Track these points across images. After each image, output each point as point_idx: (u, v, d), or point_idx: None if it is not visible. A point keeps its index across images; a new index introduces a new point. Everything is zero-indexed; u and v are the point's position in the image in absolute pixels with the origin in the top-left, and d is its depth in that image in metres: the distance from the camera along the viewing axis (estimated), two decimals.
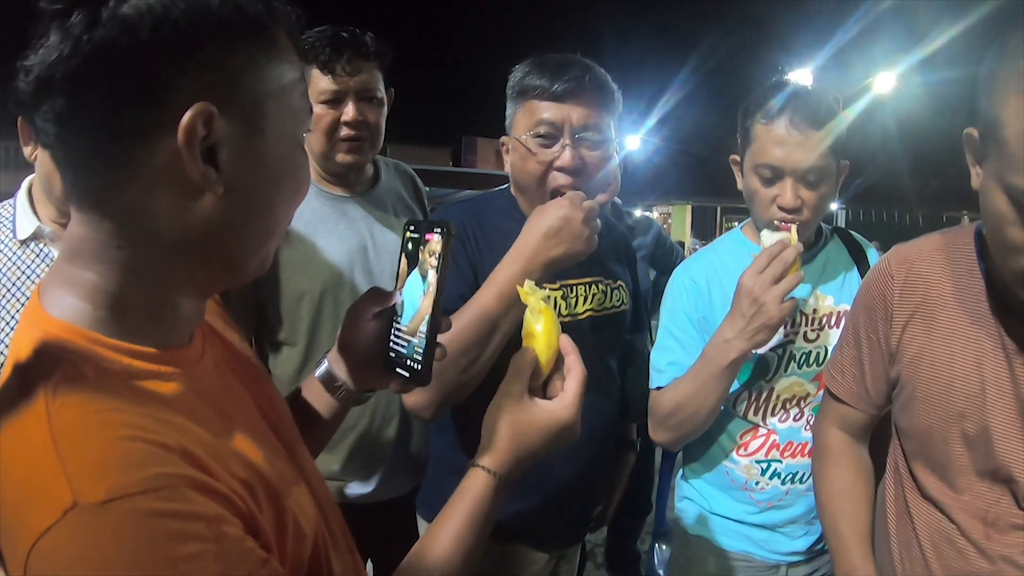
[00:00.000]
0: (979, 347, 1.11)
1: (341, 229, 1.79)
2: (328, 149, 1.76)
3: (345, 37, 1.70)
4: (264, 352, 1.81)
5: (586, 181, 1.40)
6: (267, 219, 0.72)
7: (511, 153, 1.48)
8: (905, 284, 1.22)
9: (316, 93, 1.70)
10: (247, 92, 0.66)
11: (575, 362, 0.94)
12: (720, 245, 1.71)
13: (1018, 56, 0.92)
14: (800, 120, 1.43)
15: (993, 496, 1.11)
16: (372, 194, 1.89)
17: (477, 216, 1.49)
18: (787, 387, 1.56)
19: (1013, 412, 1.07)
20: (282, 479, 0.71)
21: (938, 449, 1.16)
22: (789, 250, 1.37)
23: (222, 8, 0.64)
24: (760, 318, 1.36)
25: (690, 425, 1.52)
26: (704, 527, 1.68)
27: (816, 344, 1.56)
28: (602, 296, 1.56)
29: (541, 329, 0.93)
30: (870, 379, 1.30)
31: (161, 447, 0.57)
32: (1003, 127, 0.93)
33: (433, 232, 0.90)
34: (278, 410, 0.86)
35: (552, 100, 1.38)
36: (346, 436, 1.77)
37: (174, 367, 0.67)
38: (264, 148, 0.68)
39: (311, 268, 1.73)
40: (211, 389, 0.72)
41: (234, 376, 0.80)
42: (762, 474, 1.59)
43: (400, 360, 0.93)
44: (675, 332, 1.60)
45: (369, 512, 1.82)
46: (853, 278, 1.61)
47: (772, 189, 1.48)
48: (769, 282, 1.35)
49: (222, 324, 0.89)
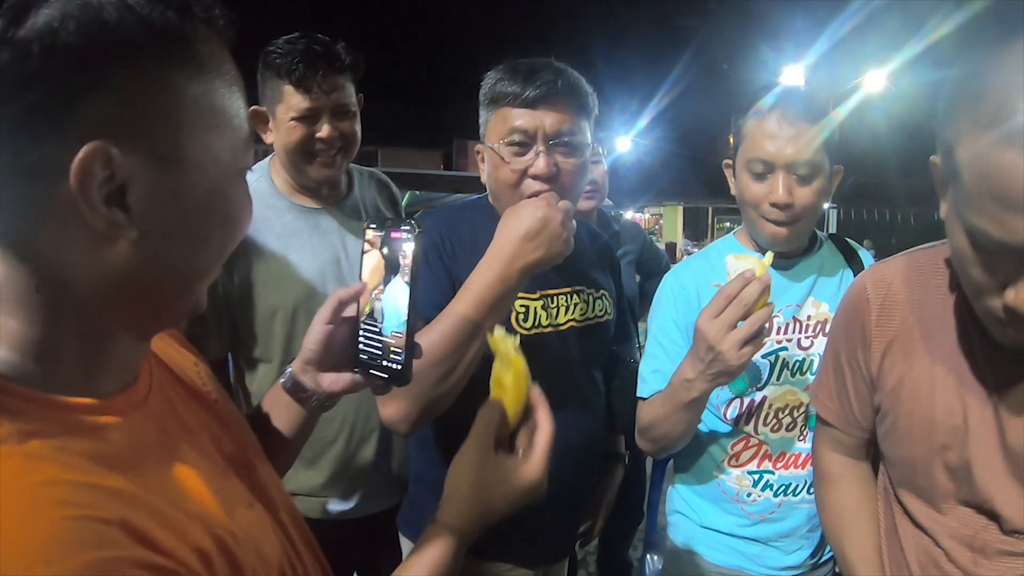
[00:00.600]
0: (960, 378, 1.06)
1: (314, 242, 1.75)
2: (302, 165, 1.72)
3: (318, 51, 1.64)
4: (240, 370, 1.78)
5: (562, 188, 1.35)
6: (196, 260, 0.65)
7: (486, 161, 1.44)
8: (882, 310, 1.16)
9: (288, 109, 1.66)
10: (158, 121, 0.58)
11: (544, 417, 0.91)
12: (712, 251, 1.67)
13: (971, 86, 0.84)
14: (791, 114, 1.40)
15: (980, 523, 1.06)
16: (345, 204, 1.84)
17: (453, 225, 1.45)
18: (780, 396, 1.52)
19: (995, 446, 1.02)
20: (239, 525, 0.65)
21: (922, 478, 1.12)
22: (751, 287, 1.22)
23: (121, 24, 0.55)
24: (717, 365, 1.25)
25: (665, 443, 1.49)
26: (695, 541, 1.63)
27: (810, 352, 1.52)
28: (585, 306, 1.52)
29: (511, 380, 0.90)
30: (856, 405, 1.25)
31: (101, 522, 0.50)
32: (961, 163, 0.85)
33: (400, 230, 0.85)
34: (236, 438, 0.80)
35: (524, 107, 1.34)
36: (325, 452, 1.74)
37: (115, 416, 0.61)
38: (184, 184, 0.60)
39: (283, 283, 1.69)
40: (158, 433, 0.66)
41: (185, 408, 0.74)
42: (754, 486, 1.55)
43: (374, 362, 0.90)
44: (661, 340, 1.56)
45: (352, 528, 1.80)
46: (848, 283, 1.56)
47: (763, 185, 1.44)
48: (725, 328, 1.22)
49: (173, 348, 0.83)
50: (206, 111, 0.61)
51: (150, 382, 0.69)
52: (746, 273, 1.23)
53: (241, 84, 0.67)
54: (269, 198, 1.76)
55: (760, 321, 1.22)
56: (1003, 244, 0.82)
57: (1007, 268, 0.86)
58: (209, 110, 0.62)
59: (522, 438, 0.90)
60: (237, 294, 1.67)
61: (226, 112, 0.64)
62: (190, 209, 0.62)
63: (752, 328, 1.22)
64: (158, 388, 0.70)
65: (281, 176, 1.79)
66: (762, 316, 1.22)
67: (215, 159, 0.63)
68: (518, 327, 1.40)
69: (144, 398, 0.67)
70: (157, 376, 0.72)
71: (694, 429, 1.47)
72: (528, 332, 1.41)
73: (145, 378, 0.69)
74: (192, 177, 0.61)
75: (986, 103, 0.80)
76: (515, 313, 1.40)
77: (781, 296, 1.52)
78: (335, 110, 1.69)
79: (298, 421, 0.99)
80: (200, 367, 0.86)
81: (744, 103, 1.49)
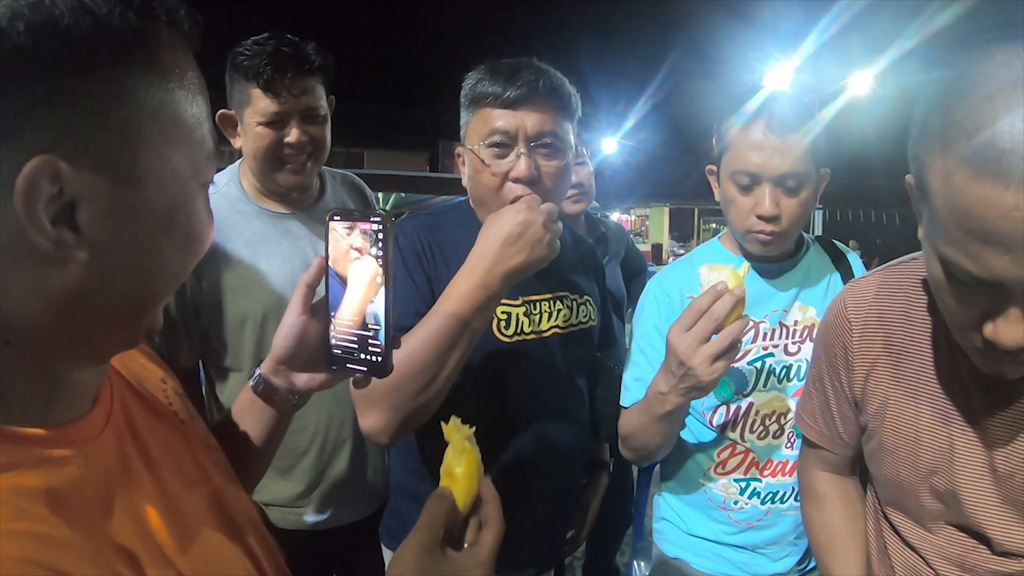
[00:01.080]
0: (945, 402, 1.02)
1: (283, 248, 1.71)
2: (270, 170, 1.67)
3: (287, 52, 1.59)
4: (211, 379, 1.74)
5: (544, 191, 1.32)
6: (153, 282, 0.60)
7: (467, 164, 1.40)
8: (863, 331, 1.13)
9: (257, 114, 1.61)
10: (113, 134, 0.53)
11: (494, 513, 0.86)
12: (697, 256, 1.64)
13: (943, 106, 0.78)
14: (777, 123, 1.35)
15: (970, 544, 1.04)
16: (316, 209, 1.80)
17: (433, 230, 1.41)
18: (766, 402, 1.49)
19: (983, 470, 0.99)
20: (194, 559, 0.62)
21: (909, 499, 1.09)
22: (722, 301, 1.17)
23: (75, 26, 0.50)
24: (689, 380, 1.20)
25: (645, 452, 1.46)
26: (682, 549, 1.62)
27: (797, 357, 1.49)
28: (568, 312, 1.48)
29: (462, 471, 0.86)
30: (841, 425, 1.22)
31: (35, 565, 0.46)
32: (931, 191, 0.79)
33: (370, 221, 0.82)
34: (200, 460, 0.76)
35: (505, 107, 1.31)
36: (299, 462, 1.72)
37: (68, 448, 0.56)
38: (140, 201, 0.55)
39: (253, 291, 1.65)
40: (116, 462, 0.61)
41: (148, 431, 0.70)
42: (740, 493, 1.52)
43: (351, 356, 0.87)
44: (644, 348, 1.52)
45: (329, 538, 1.78)
46: (836, 286, 1.54)
47: (750, 197, 1.40)
48: (696, 342, 1.18)
49: (139, 363, 0.79)
50: (166, 123, 0.57)
51: (110, 406, 0.65)
52: (718, 286, 1.18)
53: (205, 92, 0.62)
54: (238, 203, 1.71)
55: (732, 336, 1.17)
56: (977, 279, 0.77)
57: (983, 301, 0.81)
58: (170, 121, 0.57)
59: (470, 532, 0.86)
60: (207, 302, 1.63)
61: (188, 123, 0.59)
62: (147, 228, 0.57)
63: (723, 343, 1.17)
64: (119, 412, 0.66)
65: (250, 180, 1.74)
66: (734, 331, 1.18)
67: (175, 174, 0.58)
68: (500, 335, 1.37)
69: (102, 426, 0.62)
70: (119, 398, 0.68)
71: (674, 440, 1.44)
72: (510, 339, 1.38)
73: (104, 403, 0.64)
74: (149, 194, 0.56)
75: (958, 127, 0.74)
76: (497, 320, 1.36)
77: (767, 302, 1.49)
78: (304, 114, 1.65)
79: (270, 425, 0.96)
80: (168, 383, 0.82)
81: (726, 107, 1.45)
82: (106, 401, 0.65)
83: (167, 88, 0.56)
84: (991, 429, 0.98)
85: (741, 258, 1.52)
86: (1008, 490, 0.98)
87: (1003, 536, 0.99)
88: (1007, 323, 0.79)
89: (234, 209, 1.70)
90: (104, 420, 0.63)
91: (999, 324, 0.80)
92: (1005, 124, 0.70)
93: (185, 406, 0.82)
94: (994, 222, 0.71)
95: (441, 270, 1.34)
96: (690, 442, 1.55)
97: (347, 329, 0.87)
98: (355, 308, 0.85)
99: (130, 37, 0.54)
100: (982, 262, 0.75)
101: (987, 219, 0.72)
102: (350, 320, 0.86)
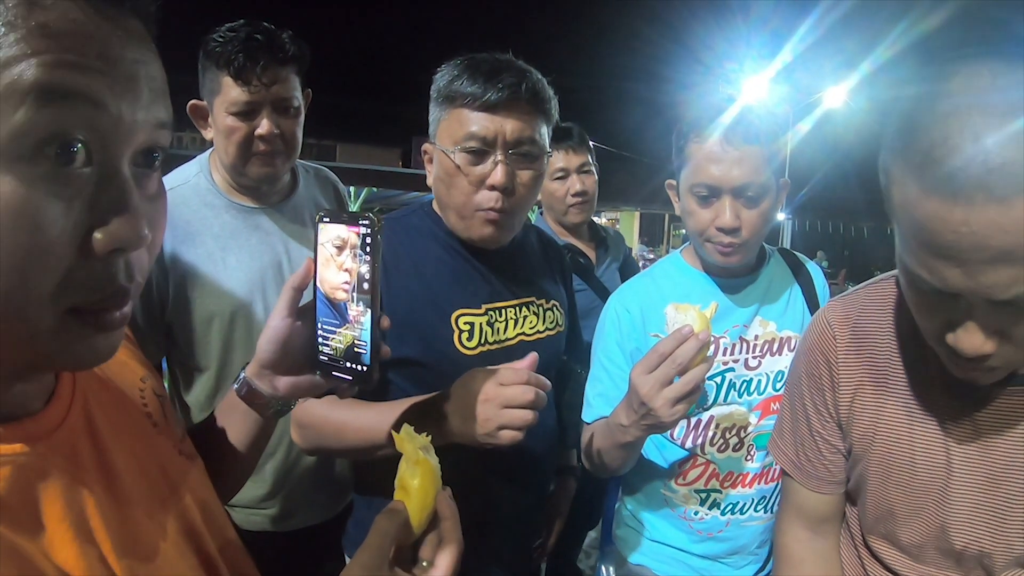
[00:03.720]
0: (940, 416, 1.01)
1: (253, 244, 1.66)
2: (240, 163, 1.62)
3: (259, 40, 1.54)
4: (176, 378, 1.69)
5: (517, 199, 1.30)
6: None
7: (435, 163, 1.34)
8: (848, 349, 1.11)
9: (227, 104, 1.56)
10: None
11: (451, 530, 0.80)
12: (657, 270, 1.64)
13: (906, 123, 0.80)
14: (735, 135, 1.35)
15: (962, 571, 1.03)
16: (288, 205, 1.76)
17: (389, 237, 1.35)
18: (727, 415, 1.51)
19: (982, 484, 0.98)
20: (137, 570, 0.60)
21: (899, 525, 1.07)
22: (686, 347, 1.16)
23: None
24: (650, 419, 1.21)
25: (605, 471, 1.46)
26: (645, 555, 1.63)
27: (758, 372, 1.51)
28: (534, 319, 1.45)
29: (416, 485, 0.80)
30: (826, 453, 1.17)
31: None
32: (894, 204, 0.82)
33: (358, 224, 0.79)
34: (167, 465, 0.74)
35: (483, 110, 1.24)
36: (265, 463, 1.69)
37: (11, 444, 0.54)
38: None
39: (220, 288, 1.60)
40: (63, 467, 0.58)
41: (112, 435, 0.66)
42: (701, 504, 1.54)
43: (336, 363, 0.85)
44: (606, 364, 1.53)
45: (294, 539, 1.76)
46: (796, 299, 1.57)
47: (710, 210, 1.41)
48: (658, 385, 1.17)
49: (120, 360, 0.76)
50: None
51: (68, 405, 0.62)
52: (683, 330, 1.17)
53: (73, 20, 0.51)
54: (207, 196, 1.66)
55: (695, 380, 1.17)
56: (936, 289, 0.80)
57: (945, 310, 0.84)
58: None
59: (426, 550, 0.80)
60: (172, 298, 1.59)
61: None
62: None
63: (686, 388, 1.17)
64: (78, 412, 0.63)
65: (220, 173, 1.69)
66: (697, 375, 1.17)
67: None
68: (463, 348, 1.33)
69: (54, 426, 0.59)
70: (80, 398, 0.65)
71: (634, 461, 1.45)
72: (474, 351, 1.34)
73: (62, 401, 0.62)
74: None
75: (917, 145, 0.77)
76: (459, 332, 1.32)
77: (728, 316, 1.51)
78: (276, 104, 1.60)
79: (254, 429, 0.94)
80: (148, 383, 0.79)
81: (684, 122, 1.44)
82: (64, 400, 0.62)
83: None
84: (986, 439, 0.98)
85: (703, 274, 1.54)
86: (1005, 505, 0.97)
87: (1000, 555, 0.98)
88: (966, 333, 0.82)
89: (203, 202, 1.65)
90: (56, 422, 0.60)
91: (959, 333, 0.83)
92: (956, 144, 0.72)
93: (161, 408, 0.79)
94: (944, 236, 0.74)
95: (394, 279, 1.29)
96: (652, 455, 1.56)
97: (333, 336, 0.84)
98: (341, 315, 0.83)
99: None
100: (937, 274, 0.78)
101: (938, 233, 0.75)
102: (336, 326, 0.84)
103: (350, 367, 0.84)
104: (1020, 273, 0.73)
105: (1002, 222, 0.70)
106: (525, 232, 1.53)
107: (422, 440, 0.83)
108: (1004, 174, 0.70)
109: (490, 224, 1.30)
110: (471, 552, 1.34)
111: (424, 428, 1.17)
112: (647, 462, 1.57)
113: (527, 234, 1.55)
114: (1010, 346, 0.81)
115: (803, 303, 1.57)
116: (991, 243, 0.72)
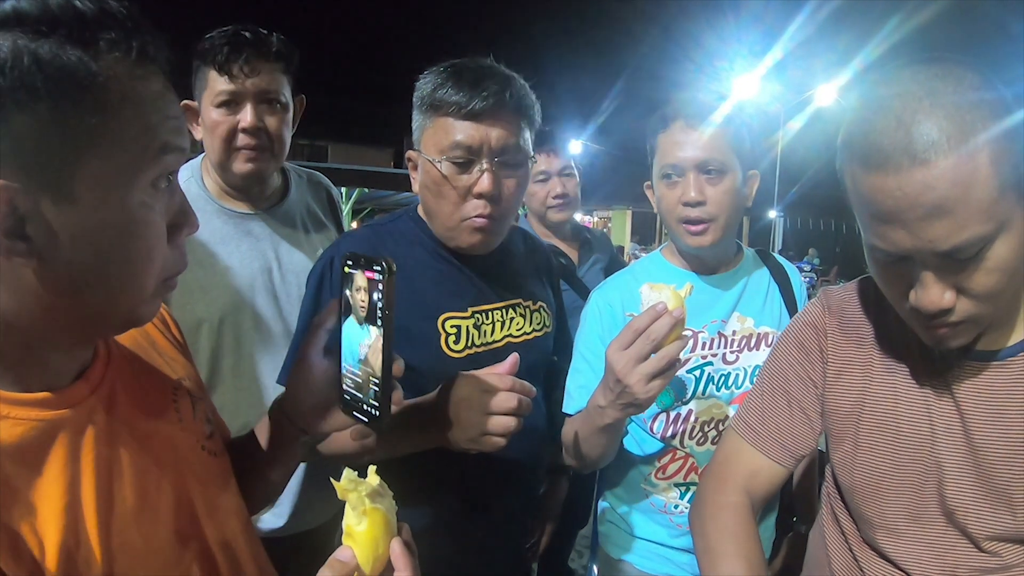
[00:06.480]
0: (924, 388, 1.06)
1: (243, 249, 1.67)
2: (225, 159, 1.63)
3: (246, 36, 1.57)
4: None
5: (503, 206, 1.31)
6: (101, 288, 0.65)
7: (419, 171, 1.36)
8: (840, 327, 1.17)
9: (212, 95, 1.58)
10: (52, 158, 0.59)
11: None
12: (638, 267, 1.68)
13: (847, 123, 0.93)
14: (692, 118, 1.45)
15: (948, 542, 1.06)
16: (279, 210, 1.77)
17: (375, 245, 1.37)
18: (705, 409, 1.54)
19: (965, 452, 1.03)
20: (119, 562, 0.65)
21: (886, 500, 1.10)
22: (660, 323, 1.16)
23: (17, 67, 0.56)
24: (626, 397, 1.21)
25: (586, 462, 1.47)
26: (626, 551, 1.65)
27: (735, 366, 1.55)
28: (521, 320, 1.46)
29: (364, 531, 0.75)
30: (796, 425, 1.20)
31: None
32: (848, 190, 0.95)
33: (372, 270, 0.82)
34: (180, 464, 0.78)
35: (468, 119, 1.25)
36: None
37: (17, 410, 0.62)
38: (82, 218, 0.61)
39: (209, 293, 1.60)
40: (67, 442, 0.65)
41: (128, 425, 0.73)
42: (680, 497, 1.57)
43: (356, 404, 0.87)
44: (587, 356, 1.55)
45: (285, 545, 1.73)
46: (774, 296, 1.61)
47: (676, 189, 1.48)
48: (633, 362, 1.17)
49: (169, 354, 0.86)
50: (107, 139, 0.61)
51: (93, 388, 0.70)
52: (658, 306, 1.18)
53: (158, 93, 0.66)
54: (198, 201, 1.66)
55: (669, 356, 1.18)
56: (889, 255, 0.91)
57: (904, 275, 0.93)
58: (111, 138, 0.62)
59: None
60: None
61: (128, 133, 0.63)
62: (93, 242, 0.62)
63: (660, 364, 1.17)
64: (103, 399, 0.71)
65: (212, 177, 1.70)
66: (672, 351, 1.18)
67: (114, 192, 0.63)
68: (450, 351, 1.33)
69: (73, 403, 0.67)
70: (109, 382, 0.73)
71: (614, 450, 1.47)
72: (461, 354, 1.34)
73: (87, 385, 0.70)
74: (88, 212, 0.61)
75: (856, 136, 0.90)
76: (445, 335, 1.33)
77: (706, 312, 1.54)
78: (259, 97, 1.61)
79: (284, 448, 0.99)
80: (186, 384, 0.87)
81: (651, 120, 1.53)
82: (92, 381, 0.71)
83: (109, 107, 0.61)
84: (968, 408, 1.03)
85: (683, 270, 1.58)
86: (989, 474, 1.01)
87: (983, 523, 1.02)
88: (924, 289, 0.91)
89: (193, 207, 1.65)
90: (79, 398, 0.68)
91: (918, 291, 0.91)
92: (883, 126, 0.86)
93: (192, 406, 0.85)
94: (885, 203, 0.87)
95: None
96: (632, 449, 1.59)
97: (353, 377, 0.86)
98: (357, 356, 0.85)
99: (70, 75, 0.59)
100: (888, 239, 0.89)
101: (880, 202, 0.87)
102: (355, 369, 0.86)
103: (366, 409, 0.85)
104: (954, 224, 0.83)
105: (928, 181, 0.82)
106: (511, 235, 1.53)
107: (370, 485, 0.78)
108: (922, 141, 0.82)
109: (478, 232, 1.32)
110: (463, 553, 1.36)
111: (408, 433, 1.19)
112: (627, 456, 1.60)
113: (513, 236, 1.56)
114: (966, 299, 0.90)
115: (780, 301, 1.61)
116: (923, 200, 0.83)
